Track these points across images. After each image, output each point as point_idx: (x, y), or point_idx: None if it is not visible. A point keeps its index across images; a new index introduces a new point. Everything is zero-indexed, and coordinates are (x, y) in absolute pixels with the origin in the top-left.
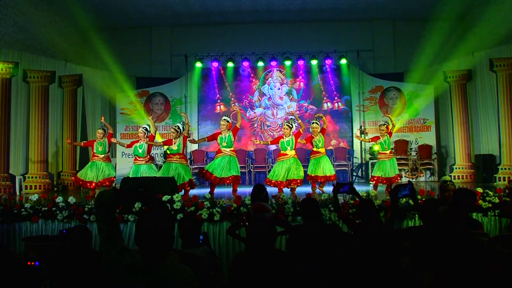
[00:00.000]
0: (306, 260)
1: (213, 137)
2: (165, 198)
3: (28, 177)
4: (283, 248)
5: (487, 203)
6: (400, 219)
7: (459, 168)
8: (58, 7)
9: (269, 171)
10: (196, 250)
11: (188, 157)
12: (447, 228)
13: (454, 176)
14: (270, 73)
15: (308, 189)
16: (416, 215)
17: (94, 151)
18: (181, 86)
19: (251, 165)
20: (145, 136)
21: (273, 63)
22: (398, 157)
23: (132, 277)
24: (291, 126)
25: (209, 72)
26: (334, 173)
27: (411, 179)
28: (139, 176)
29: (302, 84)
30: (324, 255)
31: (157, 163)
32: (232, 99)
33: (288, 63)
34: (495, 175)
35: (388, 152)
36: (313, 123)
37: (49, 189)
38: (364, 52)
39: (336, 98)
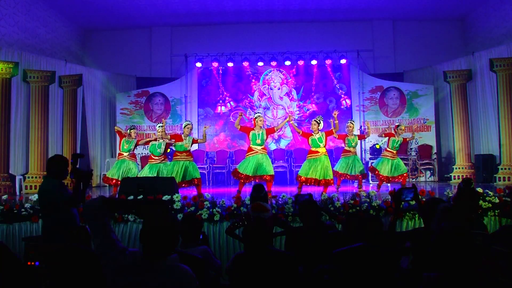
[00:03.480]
0: (305, 261)
1: (245, 130)
2: (165, 198)
3: (28, 177)
4: (283, 248)
5: (487, 203)
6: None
7: (459, 168)
8: (58, 7)
9: None
10: (195, 250)
11: None
12: (448, 225)
13: (454, 176)
14: (270, 73)
15: (306, 189)
16: (416, 215)
17: (120, 148)
18: (181, 86)
19: None
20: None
21: (273, 63)
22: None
23: (132, 277)
24: (319, 122)
25: (209, 72)
26: (364, 172)
27: (411, 179)
28: (154, 175)
29: (302, 84)
30: (323, 256)
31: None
32: (234, 98)
33: (288, 63)
34: (495, 175)
35: (394, 152)
36: (349, 122)
37: None
38: (364, 52)
39: (336, 98)
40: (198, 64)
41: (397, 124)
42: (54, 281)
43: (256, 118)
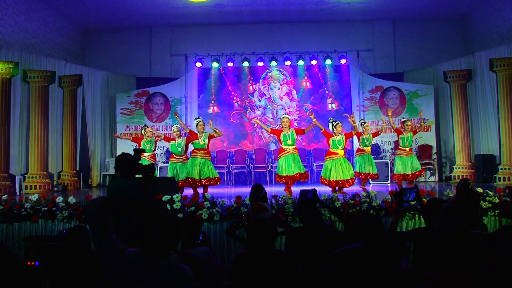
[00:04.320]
0: (305, 261)
1: (275, 133)
2: (165, 198)
3: (28, 177)
4: (283, 248)
5: (487, 203)
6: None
7: (459, 168)
8: (58, 7)
9: (269, 171)
10: (196, 250)
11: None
12: (450, 226)
13: (454, 176)
14: (270, 73)
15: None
16: (417, 215)
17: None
18: (181, 86)
19: (251, 165)
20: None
21: (273, 63)
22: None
23: (132, 277)
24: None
25: (209, 72)
26: (376, 172)
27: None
28: (174, 174)
29: (302, 84)
30: (322, 256)
31: (157, 163)
32: (234, 98)
33: (288, 63)
34: (495, 175)
35: (407, 149)
36: (364, 122)
37: (49, 189)
38: (364, 52)
39: (336, 98)
40: (198, 64)
41: (403, 120)
42: (54, 281)
43: (281, 120)
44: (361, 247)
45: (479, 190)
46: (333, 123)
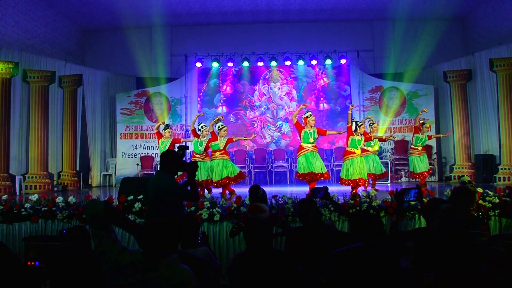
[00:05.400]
0: (305, 261)
1: (298, 127)
2: None
3: (28, 177)
4: (283, 248)
5: (487, 203)
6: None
7: (459, 168)
8: (58, 7)
9: (269, 171)
10: (196, 250)
11: None
12: (450, 226)
13: (454, 176)
14: (270, 73)
15: (306, 188)
16: (417, 215)
17: (158, 150)
18: (181, 86)
19: (251, 165)
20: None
21: (273, 63)
22: (398, 157)
23: (132, 277)
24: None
25: (209, 72)
26: (384, 170)
27: (411, 179)
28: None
29: (302, 84)
30: (322, 256)
31: None
32: (234, 98)
33: (288, 63)
34: (495, 175)
35: (420, 148)
36: (372, 123)
37: (49, 189)
38: (364, 52)
39: (336, 98)
40: (198, 64)
41: (421, 122)
42: (54, 281)
43: (308, 117)
44: (361, 247)
45: (479, 190)
46: (358, 123)
